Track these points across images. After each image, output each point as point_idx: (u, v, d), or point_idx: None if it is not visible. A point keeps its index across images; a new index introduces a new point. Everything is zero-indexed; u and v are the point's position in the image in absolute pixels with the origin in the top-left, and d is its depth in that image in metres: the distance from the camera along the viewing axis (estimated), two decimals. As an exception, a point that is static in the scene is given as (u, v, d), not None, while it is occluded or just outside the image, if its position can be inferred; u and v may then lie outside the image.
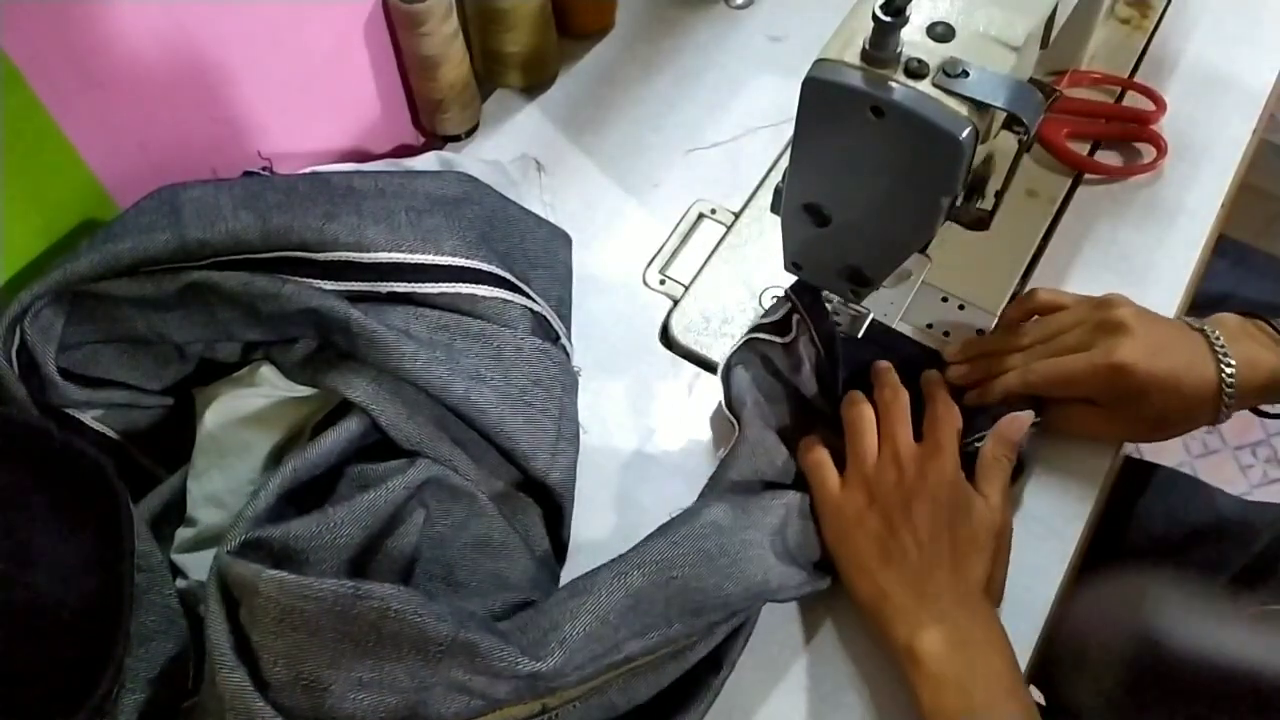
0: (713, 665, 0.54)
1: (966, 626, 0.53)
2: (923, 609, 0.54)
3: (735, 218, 0.74)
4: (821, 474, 0.59)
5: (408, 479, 0.53)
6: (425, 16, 0.66)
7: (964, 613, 0.54)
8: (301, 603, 0.44)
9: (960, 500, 0.56)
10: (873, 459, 0.58)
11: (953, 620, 0.53)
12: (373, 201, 0.58)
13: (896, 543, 0.56)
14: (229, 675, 0.45)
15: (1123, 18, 0.83)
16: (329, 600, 0.44)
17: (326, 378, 0.56)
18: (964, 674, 0.52)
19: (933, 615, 0.54)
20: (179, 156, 0.62)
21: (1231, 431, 1.61)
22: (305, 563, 0.49)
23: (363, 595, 0.44)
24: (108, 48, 0.53)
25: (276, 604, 0.45)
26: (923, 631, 0.53)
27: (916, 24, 0.46)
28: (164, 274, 0.54)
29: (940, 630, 0.53)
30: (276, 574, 0.45)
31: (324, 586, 0.44)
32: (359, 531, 0.50)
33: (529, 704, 0.48)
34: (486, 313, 0.59)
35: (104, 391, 0.57)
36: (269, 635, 0.45)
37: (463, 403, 0.55)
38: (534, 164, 0.76)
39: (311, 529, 0.49)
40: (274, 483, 0.51)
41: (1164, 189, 0.75)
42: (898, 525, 0.56)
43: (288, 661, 0.45)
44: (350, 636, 0.45)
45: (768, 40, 0.84)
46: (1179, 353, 0.57)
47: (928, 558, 0.55)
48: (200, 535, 0.56)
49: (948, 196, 0.49)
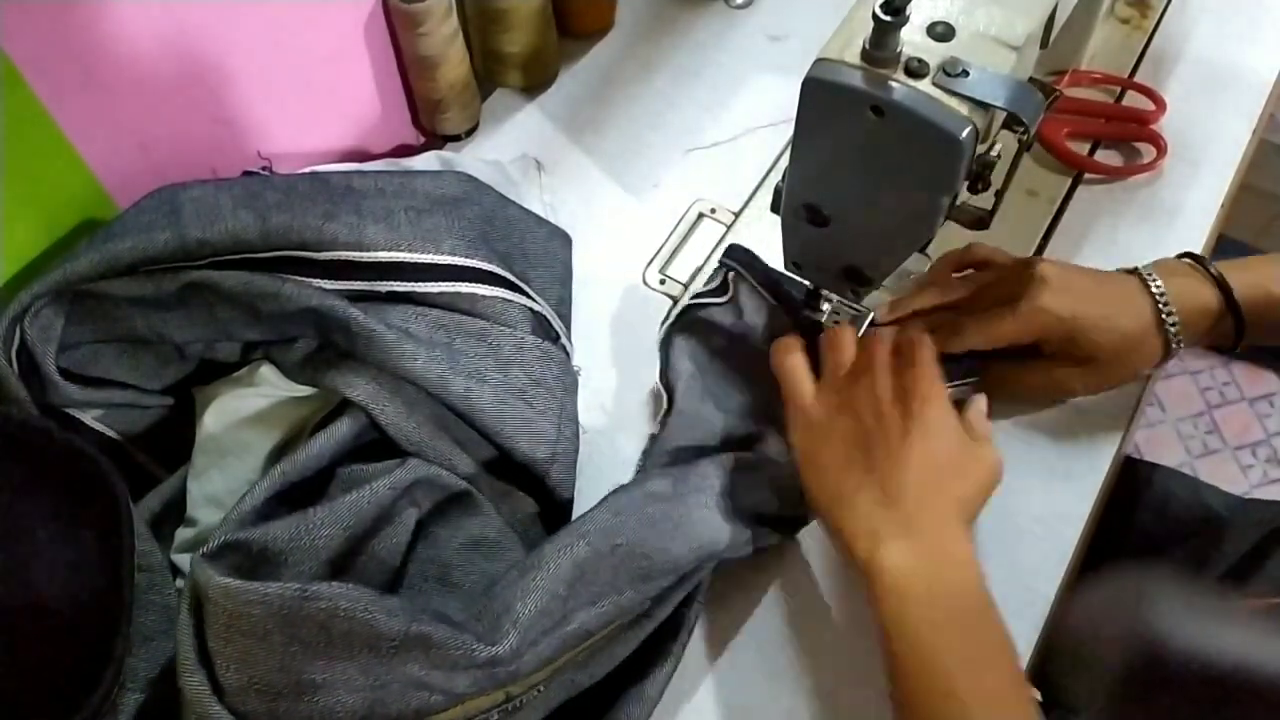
0: (671, 632, 0.54)
1: (936, 542, 0.50)
2: (890, 519, 0.50)
3: (735, 218, 0.74)
4: (796, 377, 0.57)
5: (394, 479, 0.52)
6: (425, 16, 0.66)
7: (935, 529, 0.50)
8: (247, 608, 0.44)
9: (942, 417, 0.53)
10: (848, 366, 0.56)
11: (921, 532, 0.50)
12: (372, 201, 0.58)
13: (866, 447, 0.52)
14: (189, 679, 0.45)
15: (1123, 18, 0.83)
16: (274, 604, 0.44)
17: (326, 377, 0.56)
18: (933, 587, 0.48)
19: (900, 526, 0.50)
20: (179, 156, 0.62)
21: (1231, 431, 1.61)
22: (283, 564, 0.48)
23: (310, 597, 0.44)
24: (108, 48, 0.54)
25: (224, 610, 0.44)
26: (888, 542, 0.49)
27: (916, 23, 0.46)
28: (164, 274, 0.54)
29: (907, 543, 0.49)
30: (223, 580, 0.44)
31: (268, 591, 0.44)
32: (339, 532, 0.50)
33: (492, 694, 0.47)
34: (486, 312, 0.59)
35: (104, 391, 0.57)
36: (220, 641, 0.45)
37: (462, 402, 0.55)
38: (534, 164, 0.76)
39: (290, 531, 0.49)
40: (262, 485, 0.51)
41: (1164, 189, 0.75)
42: (870, 429, 0.52)
43: (238, 666, 0.45)
44: (299, 639, 0.44)
45: (768, 40, 0.84)
46: (1109, 294, 0.59)
47: (901, 467, 0.51)
48: (200, 535, 0.56)
49: (948, 196, 0.49)
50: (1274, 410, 1.63)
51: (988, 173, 0.50)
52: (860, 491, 0.52)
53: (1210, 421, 1.62)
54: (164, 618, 0.51)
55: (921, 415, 0.52)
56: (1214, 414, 1.63)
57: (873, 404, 0.53)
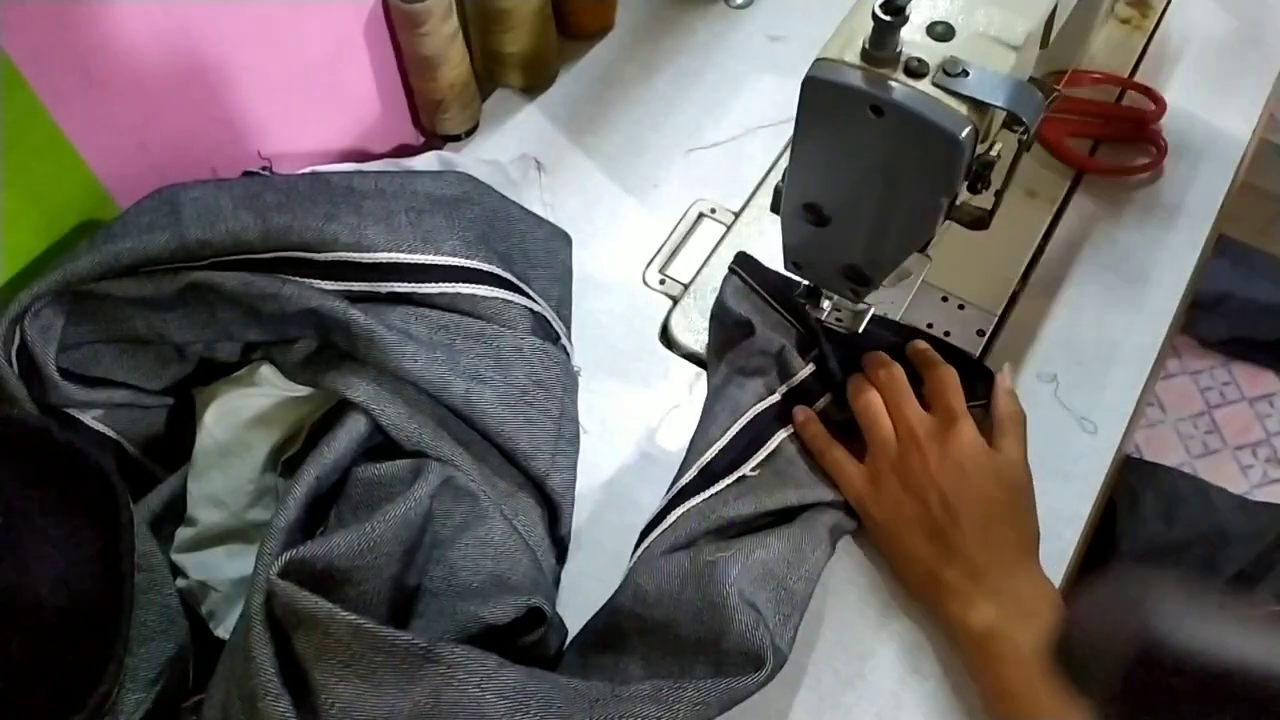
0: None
1: (1017, 595, 0.54)
2: (975, 586, 0.54)
3: (735, 218, 0.74)
4: (845, 473, 0.59)
5: (429, 484, 0.52)
6: (425, 16, 0.66)
7: (1013, 581, 0.54)
8: (371, 652, 0.43)
9: (988, 465, 0.57)
10: (894, 445, 0.58)
11: (1004, 592, 0.54)
12: (373, 202, 0.58)
13: (935, 523, 0.56)
14: (272, 704, 0.43)
15: (1123, 17, 0.83)
16: (399, 655, 0.43)
17: (326, 378, 0.56)
18: (1022, 648, 0.52)
19: (984, 591, 0.54)
20: (179, 156, 0.62)
21: (1231, 431, 1.61)
22: (348, 582, 0.48)
23: (432, 657, 0.43)
24: (108, 48, 0.53)
25: (348, 649, 0.43)
26: (975, 611, 0.54)
27: (916, 23, 0.46)
28: (164, 274, 0.54)
29: (993, 605, 0.53)
30: (353, 619, 0.43)
31: (398, 640, 0.43)
32: (398, 548, 0.50)
33: None
34: (486, 313, 0.59)
35: (104, 391, 0.57)
36: (332, 678, 0.44)
37: (463, 403, 0.55)
38: (534, 164, 0.76)
39: (354, 548, 0.48)
40: (299, 490, 0.51)
41: (1164, 189, 0.75)
42: (933, 505, 0.56)
43: (344, 708, 0.44)
44: (409, 695, 0.44)
45: (768, 40, 0.84)
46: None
47: (969, 531, 0.55)
48: (200, 535, 0.56)
49: (947, 196, 0.49)
50: (1274, 410, 1.63)
51: (988, 172, 0.50)
52: (942, 566, 0.55)
53: (1210, 421, 1.62)
54: (163, 617, 0.51)
55: (974, 474, 0.56)
56: (1214, 414, 1.63)
57: (928, 480, 0.56)
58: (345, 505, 0.54)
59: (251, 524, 0.57)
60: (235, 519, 0.57)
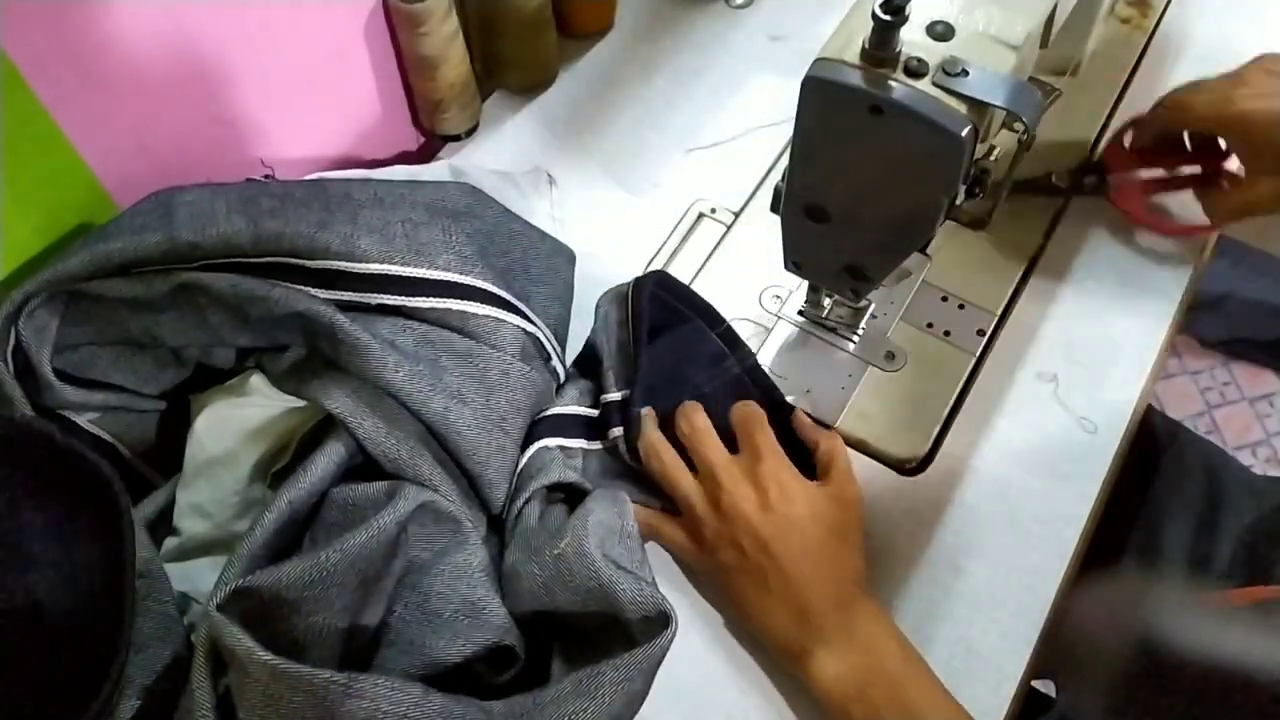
0: None
1: (848, 634, 0.53)
2: (805, 630, 0.53)
3: (735, 218, 0.74)
4: (675, 540, 0.58)
5: (397, 512, 0.50)
6: (425, 17, 0.66)
7: (845, 618, 0.53)
8: (290, 693, 0.42)
9: (803, 498, 0.55)
10: (699, 497, 0.56)
11: (835, 632, 0.53)
12: (369, 211, 0.57)
13: (757, 569, 0.54)
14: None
15: (1123, 17, 0.83)
16: (319, 694, 0.42)
17: (309, 387, 0.55)
18: (862, 686, 0.51)
19: (815, 634, 0.53)
20: (179, 157, 0.62)
21: (1231, 431, 1.61)
22: (296, 614, 0.47)
23: (353, 693, 0.42)
24: (108, 48, 0.53)
25: (264, 688, 0.43)
26: (811, 657, 0.53)
27: (916, 23, 0.46)
28: (155, 275, 0.54)
29: (827, 650, 0.53)
30: (268, 659, 0.42)
31: (316, 679, 0.42)
32: (353, 578, 0.48)
33: None
34: (477, 331, 0.58)
35: (99, 394, 0.56)
36: (254, 715, 0.43)
37: (440, 421, 0.54)
38: (546, 177, 0.75)
39: (304, 578, 0.46)
40: (269, 518, 0.49)
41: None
42: (749, 550, 0.54)
43: None
44: None
45: (768, 40, 0.84)
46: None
47: (791, 572, 0.53)
48: (184, 545, 0.55)
49: (947, 195, 0.49)
50: (1274, 410, 1.63)
51: (986, 177, 0.50)
52: (771, 613, 0.54)
53: (1210, 421, 1.62)
54: (161, 625, 0.50)
55: (785, 510, 0.54)
56: (1214, 414, 1.63)
57: (741, 523, 0.54)
58: (320, 528, 0.53)
59: (236, 536, 0.55)
60: (220, 530, 0.56)
